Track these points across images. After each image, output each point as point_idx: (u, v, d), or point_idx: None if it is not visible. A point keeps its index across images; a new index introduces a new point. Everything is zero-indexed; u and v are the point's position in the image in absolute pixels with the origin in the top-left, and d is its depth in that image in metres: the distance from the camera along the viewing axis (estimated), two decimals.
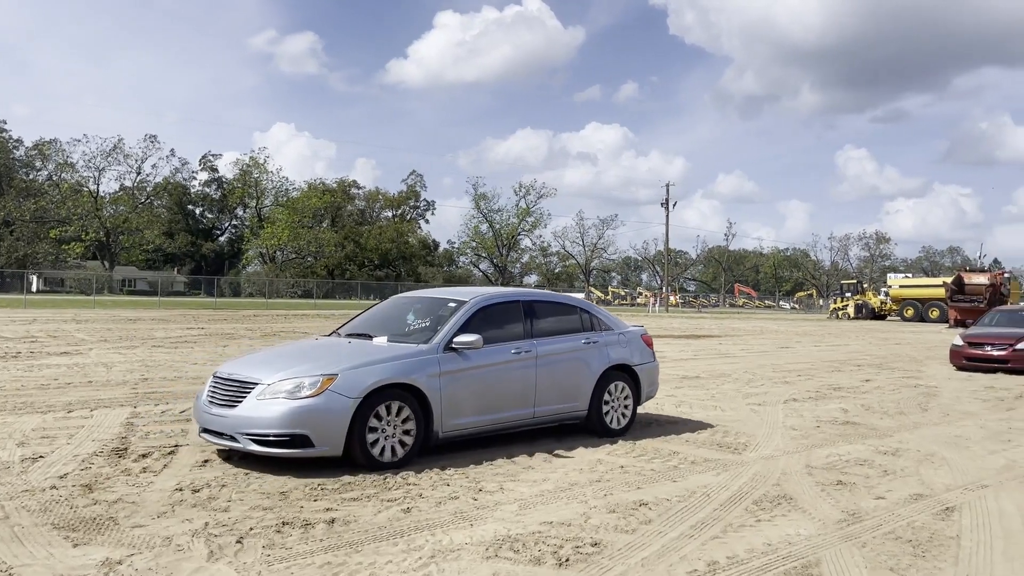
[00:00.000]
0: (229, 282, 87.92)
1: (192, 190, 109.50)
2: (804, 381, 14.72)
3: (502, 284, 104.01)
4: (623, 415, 8.88)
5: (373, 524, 5.26)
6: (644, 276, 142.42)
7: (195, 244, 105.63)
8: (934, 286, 56.27)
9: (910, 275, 79.69)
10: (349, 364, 6.81)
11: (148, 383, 11.98)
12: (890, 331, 40.03)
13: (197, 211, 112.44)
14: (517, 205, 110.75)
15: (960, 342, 18.32)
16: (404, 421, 6.93)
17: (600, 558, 4.76)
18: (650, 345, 9.52)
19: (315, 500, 5.81)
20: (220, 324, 29.27)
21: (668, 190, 76.47)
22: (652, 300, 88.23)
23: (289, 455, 6.48)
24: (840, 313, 63.22)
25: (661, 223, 77.64)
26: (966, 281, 48.46)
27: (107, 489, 5.90)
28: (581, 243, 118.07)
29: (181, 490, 5.92)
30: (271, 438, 6.42)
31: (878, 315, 60.72)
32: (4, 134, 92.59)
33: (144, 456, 7.04)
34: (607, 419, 8.69)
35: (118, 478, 6.24)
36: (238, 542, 4.78)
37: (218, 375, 7.15)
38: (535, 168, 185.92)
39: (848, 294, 65.66)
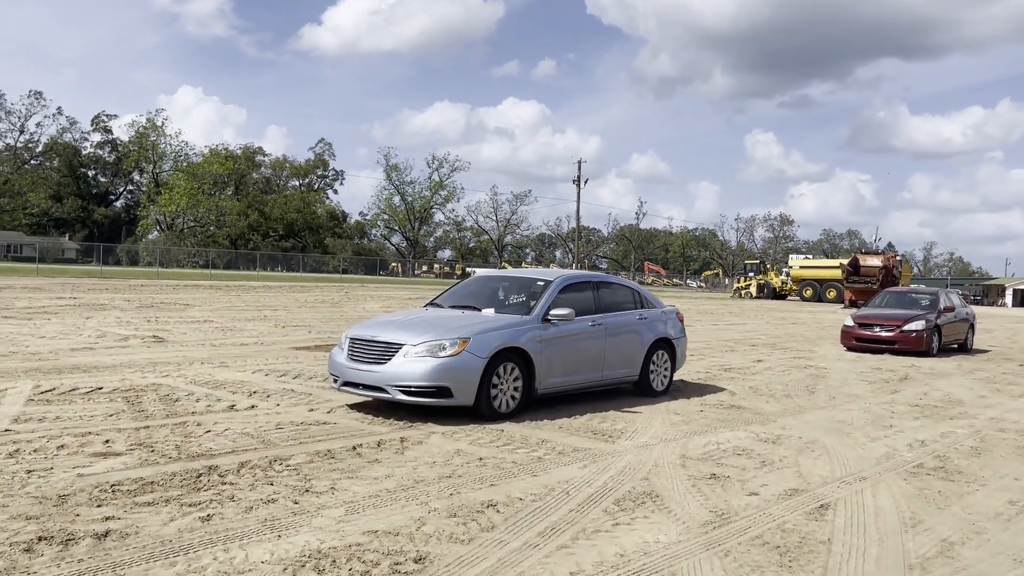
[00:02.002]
0: (127, 250, 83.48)
1: (84, 152, 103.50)
2: (695, 361, 14.37)
3: (414, 258, 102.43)
4: (663, 379, 10.37)
5: (157, 537, 4.37)
6: (558, 253, 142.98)
7: (87, 209, 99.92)
8: (832, 267, 57.89)
9: (810, 256, 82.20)
10: (476, 330, 8.07)
11: None
12: (789, 311, 40.82)
13: (89, 174, 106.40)
14: (430, 178, 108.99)
15: (851, 323, 18.40)
16: (515, 379, 8.24)
17: None
18: (682, 321, 11.00)
19: (99, 505, 4.87)
20: (97, 294, 27.29)
21: (580, 167, 76.30)
22: None
23: (432, 403, 7.77)
24: (743, 292, 64.52)
25: (575, 200, 77.47)
26: (861, 263, 49.99)
27: None
28: (495, 218, 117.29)
29: None
30: (420, 388, 7.68)
31: (779, 295, 62.21)
32: None
33: None
34: (653, 382, 10.13)
35: None
36: None
37: (357, 337, 8.30)
38: (452, 142, 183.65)
39: (751, 274, 67.11)
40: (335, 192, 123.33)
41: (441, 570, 4.14)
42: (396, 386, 7.74)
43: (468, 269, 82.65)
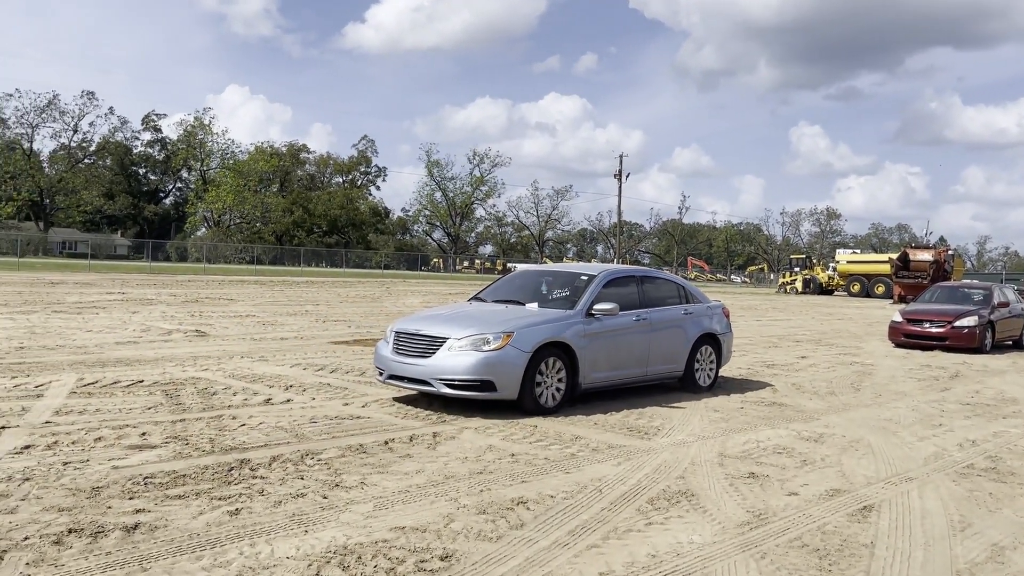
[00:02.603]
0: (176, 247, 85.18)
1: (135, 151, 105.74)
2: (737, 358, 14.10)
3: (455, 253, 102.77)
4: (708, 375, 10.22)
5: (185, 531, 4.37)
6: (599, 248, 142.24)
7: (137, 207, 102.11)
8: (880, 262, 56.61)
9: (858, 251, 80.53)
10: (520, 324, 8.00)
11: (23, 352, 10.85)
12: (835, 306, 40.01)
13: (140, 172, 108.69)
14: (471, 173, 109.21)
15: (899, 319, 17.91)
16: (558, 374, 8.19)
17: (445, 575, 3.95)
18: (728, 317, 10.78)
19: (130, 498, 4.89)
20: (144, 289, 27.81)
21: (621, 161, 75.75)
22: None
23: (476, 397, 7.74)
24: (788, 287, 63.44)
25: (616, 195, 76.90)
26: (911, 257, 48.76)
27: None
28: (536, 213, 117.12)
29: None
30: (464, 382, 7.67)
31: (825, 290, 61.04)
32: None
33: None
34: (698, 378, 10.02)
35: None
36: None
37: (402, 331, 8.28)
38: (494, 137, 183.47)
39: (797, 269, 65.91)
40: (377, 188, 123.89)
41: (467, 568, 4.06)
42: (440, 379, 7.74)
43: (509, 264, 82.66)
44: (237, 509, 4.76)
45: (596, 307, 8.63)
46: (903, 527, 5.07)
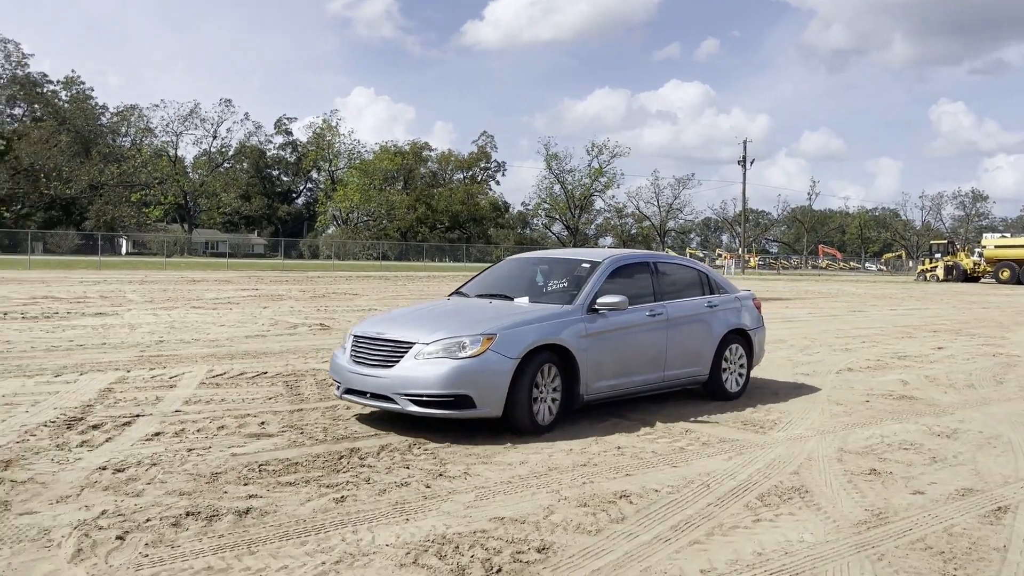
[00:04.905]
0: (308, 245, 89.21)
1: (268, 153, 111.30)
2: (867, 348, 13.40)
3: (574, 246, 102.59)
4: (738, 379, 8.74)
5: (292, 517, 4.53)
6: (724, 237, 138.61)
7: (271, 207, 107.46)
8: None
9: (1008, 235, 75.04)
10: (504, 324, 6.66)
11: (160, 346, 11.59)
12: (980, 294, 37.41)
13: (273, 174, 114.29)
14: (590, 165, 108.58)
15: None
16: (553, 382, 6.84)
17: (540, 568, 3.91)
18: (759, 309, 9.40)
19: (245, 484, 5.11)
20: (276, 286, 29.21)
21: (746, 147, 73.60)
22: (729, 262, 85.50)
23: (450, 416, 6.38)
24: (928, 275, 59.82)
25: (741, 182, 74.74)
26: None
27: (25, 466, 5.33)
28: (656, 203, 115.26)
29: (104, 469, 5.31)
30: (433, 398, 6.31)
31: (970, 277, 57.17)
32: (90, 101, 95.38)
33: (95, 427, 6.49)
34: (725, 383, 8.57)
35: (47, 453, 5.68)
36: (119, 538, 4.10)
37: (361, 335, 6.97)
38: (612, 128, 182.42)
39: (938, 255, 62.01)
40: (497, 183, 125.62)
41: (564, 561, 4.01)
42: (405, 395, 6.37)
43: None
44: (343, 496, 4.90)
45: (600, 301, 7.24)
46: None
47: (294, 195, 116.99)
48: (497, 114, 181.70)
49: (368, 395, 6.64)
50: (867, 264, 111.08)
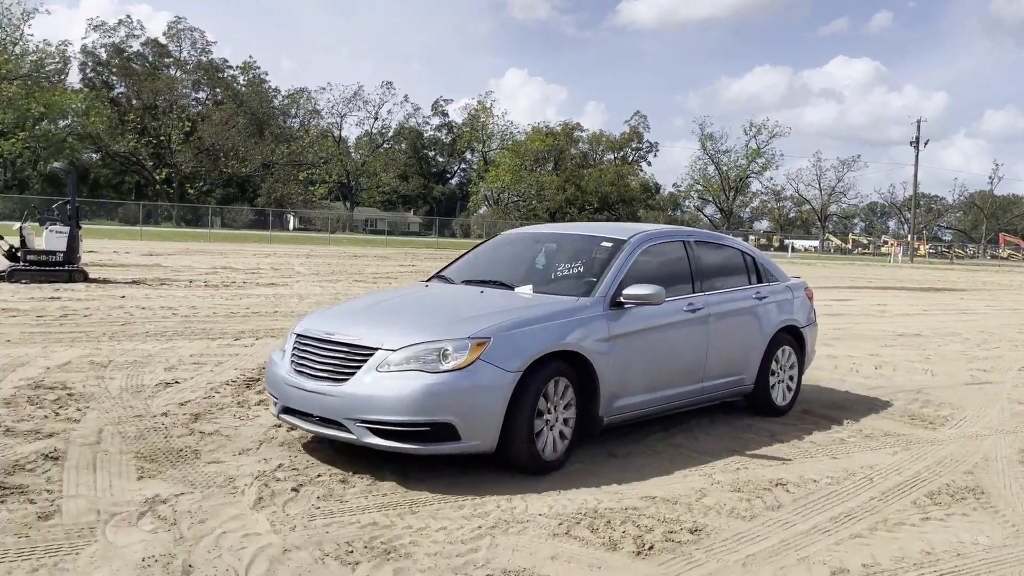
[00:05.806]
0: (460, 224, 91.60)
1: (425, 135, 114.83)
2: None
3: (728, 229, 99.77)
4: (787, 389, 7.03)
5: (451, 482, 4.72)
6: (891, 223, 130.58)
7: (427, 187, 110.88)
8: None
9: None
10: (501, 323, 4.93)
11: None
12: None
13: (430, 155, 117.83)
14: (747, 146, 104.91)
15: None
16: (564, 399, 5.11)
17: (692, 549, 3.90)
18: (812, 300, 7.65)
19: None
20: (430, 263, 30.19)
21: (919, 127, 68.83)
22: (896, 249, 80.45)
23: (424, 452, 4.66)
24: None
25: (912, 164, 70.02)
26: None
27: (211, 420, 5.84)
28: (818, 186, 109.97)
29: (279, 427, 5.72)
30: (400, 426, 4.59)
31: None
32: (265, 85, 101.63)
33: None
34: (773, 394, 6.85)
35: (230, 409, 6.20)
36: (294, 490, 4.43)
37: (306, 334, 5.21)
38: (772, 107, 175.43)
39: None
40: (649, 164, 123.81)
41: (718, 544, 3.98)
42: (361, 422, 4.65)
43: (786, 242, 78.59)
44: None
45: (628, 292, 5.49)
46: None
47: (448, 175, 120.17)
48: (650, 93, 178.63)
49: (316, 418, 4.88)
50: None
